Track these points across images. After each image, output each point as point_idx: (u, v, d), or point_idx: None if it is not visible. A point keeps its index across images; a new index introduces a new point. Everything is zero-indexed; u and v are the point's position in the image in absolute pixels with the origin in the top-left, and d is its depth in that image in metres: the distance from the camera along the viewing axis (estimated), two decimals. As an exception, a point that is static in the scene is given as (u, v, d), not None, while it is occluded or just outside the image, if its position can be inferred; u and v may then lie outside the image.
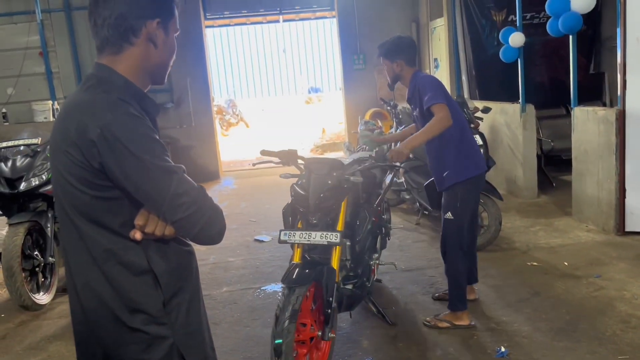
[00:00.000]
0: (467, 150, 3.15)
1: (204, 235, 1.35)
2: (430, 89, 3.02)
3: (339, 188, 2.81)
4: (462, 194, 3.12)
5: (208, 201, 1.35)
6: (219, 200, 7.48)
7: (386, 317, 3.35)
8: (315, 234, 2.70)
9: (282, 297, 2.58)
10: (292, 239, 2.75)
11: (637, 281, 3.66)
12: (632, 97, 4.38)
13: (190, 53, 8.69)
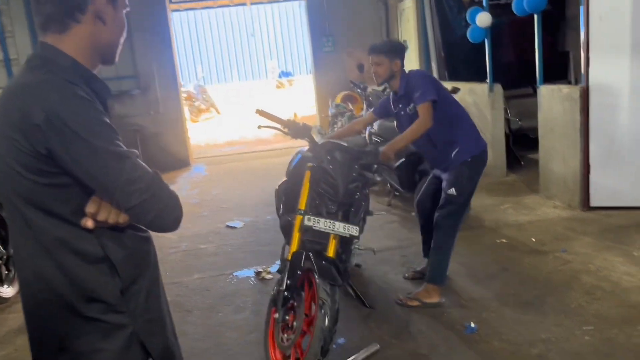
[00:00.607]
0: (473, 128, 3.32)
1: (160, 222, 1.30)
2: (421, 85, 3.10)
3: (361, 180, 2.87)
4: (470, 171, 3.22)
5: (163, 187, 1.30)
6: (190, 187, 7.40)
7: (364, 301, 3.35)
8: (339, 224, 2.70)
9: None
10: (318, 225, 2.71)
11: (601, 254, 3.76)
12: (595, 74, 4.45)
13: (156, 38, 8.50)
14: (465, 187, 3.21)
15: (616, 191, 4.59)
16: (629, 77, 4.37)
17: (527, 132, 6.56)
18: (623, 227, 4.22)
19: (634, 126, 4.44)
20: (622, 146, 4.51)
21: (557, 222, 4.51)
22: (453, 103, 3.33)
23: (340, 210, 2.81)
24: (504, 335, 2.87)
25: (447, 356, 2.73)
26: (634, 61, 4.33)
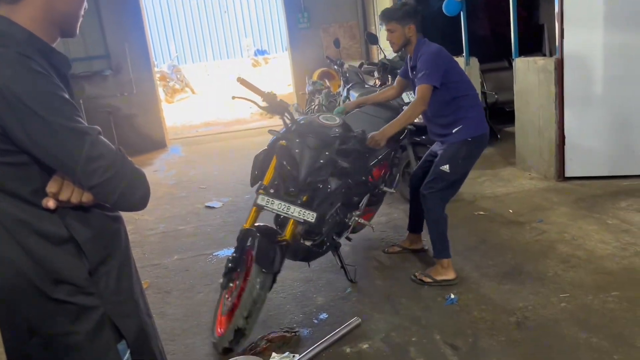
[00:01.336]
0: (479, 109, 3.23)
1: (126, 201, 1.26)
2: (427, 66, 3.04)
3: (327, 168, 2.79)
4: (467, 151, 3.14)
5: (127, 165, 1.25)
6: (167, 169, 7.30)
7: (347, 274, 3.35)
8: (294, 209, 2.66)
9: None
10: (271, 207, 2.69)
11: (576, 223, 3.83)
12: (569, 45, 4.47)
13: (127, 17, 8.28)
14: (459, 166, 3.14)
15: (590, 161, 4.66)
16: (602, 48, 4.41)
17: (503, 106, 6.61)
18: (597, 197, 4.30)
19: (606, 97, 4.49)
20: (595, 117, 4.56)
21: (534, 193, 4.57)
22: (463, 85, 3.18)
23: (302, 194, 2.74)
24: (483, 305, 2.91)
25: (428, 328, 2.77)
26: (607, 32, 4.36)
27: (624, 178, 4.52)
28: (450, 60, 3.20)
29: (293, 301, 3.22)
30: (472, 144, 3.15)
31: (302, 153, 2.74)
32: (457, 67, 3.23)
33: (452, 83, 3.12)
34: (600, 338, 2.50)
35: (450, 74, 3.12)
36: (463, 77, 3.23)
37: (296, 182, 2.74)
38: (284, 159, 2.80)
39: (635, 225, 3.68)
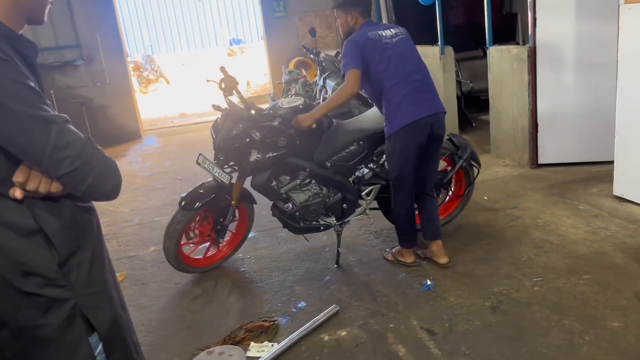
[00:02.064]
0: (398, 101, 3.02)
1: (96, 191, 1.23)
2: (345, 54, 2.99)
3: (240, 139, 3.15)
4: (393, 145, 3.08)
5: (97, 153, 1.23)
6: (142, 160, 7.20)
7: (338, 258, 3.47)
8: (216, 169, 3.22)
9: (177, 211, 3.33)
10: (204, 164, 3.26)
11: (549, 209, 3.90)
12: (542, 34, 4.53)
13: (98, 6, 8.10)
14: (391, 162, 3.13)
15: (562, 148, 4.75)
16: (573, 37, 4.48)
17: (477, 94, 6.67)
18: (569, 183, 4.39)
19: (577, 84, 4.57)
20: (567, 104, 4.64)
21: (508, 180, 4.65)
22: (386, 78, 3.01)
23: (217, 158, 3.23)
24: (459, 290, 2.96)
25: (405, 314, 2.80)
26: (578, 20, 4.43)
27: (594, 164, 4.62)
28: (371, 47, 2.99)
29: (271, 290, 3.23)
30: (394, 139, 3.06)
31: (224, 123, 3.21)
32: (379, 55, 2.99)
33: (376, 78, 3.01)
34: (572, 320, 2.57)
35: (372, 64, 2.99)
36: (389, 66, 2.99)
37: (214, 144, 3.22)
38: (214, 130, 3.30)
39: (605, 210, 3.77)
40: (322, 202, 3.34)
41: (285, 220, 3.37)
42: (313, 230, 3.44)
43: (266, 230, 4.08)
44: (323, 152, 3.30)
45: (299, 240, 3.88)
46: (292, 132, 3.18)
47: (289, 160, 3.25)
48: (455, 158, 3.60)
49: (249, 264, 3.65)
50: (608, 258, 3.11)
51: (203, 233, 3.46)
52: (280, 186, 3.30)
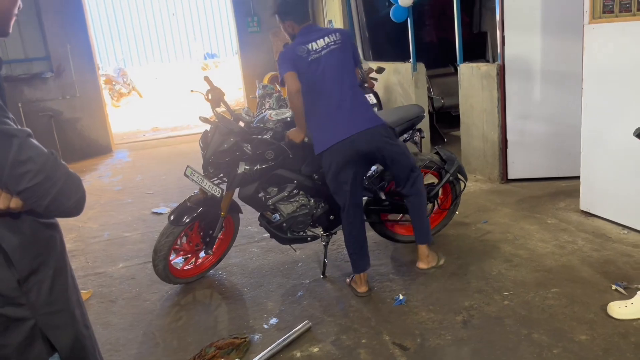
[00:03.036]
0: (320, 122, 3.03)
1: (58, 207, 1.20)
2: (278, 65, 3.00)
3: (231, 152, 3.15)
4: (323, 163, 3.09)
5: (60, 168, 1.19)
6: (112, 174, 7.08)
7: (324, 269, 3.49)
8: (207, 182, 3.23)
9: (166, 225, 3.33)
10: (193, 177, 3.24)
11: (518, 224, 3.97)
12: (510, 52, 4.64)
13: (69, 18, 8.00)
14: (329, 178, 3.10)
15: (531, 164, 4.84)
16: (540, 54, 4.60)
17: (449, 110, 6.79)
18: (537, 197, 4.47)
19: (545, 101, 4.69)
20: (535, 121, 4.75)
21: (479, 195, 4.71)
22: (309, 95, 3.00)
23: (207, 171, 3.23)
24: (431, 305, 2.97)
25: (377, 329, 2.79)
26: (545, 38, 4.55)
27: (562, 179, 4.72)
28: (298, 64, 2.96)
29: (243, 307, 3.19)
30: (322, 157, 3.07)
31: (213, 137, 3.19)
32: (305, 68, 2.97)
33: (305, 92, 2.98)
34: (541, 333, 2.60)
35: (301, 75, 2.96)
36: (313, 85, 2.99)
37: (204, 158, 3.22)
38: (203, 142, 3.28)
39: (572, 224, 3.85)
40: (309, 213, 3.37)
41: (272, 231, 3.38)
42: (300, 241, 3.47)
43: (239, 246, 4.04)
44: (311, 164, 3.32)
45: (272, 255, 3.85)
46: (284, 144, 3.20)
47: (277, 172, 3.26)
48: (442, 172, 3.65)
49: (221, 280, 3.60)
50: (575, 271, 3.17)
51: (192, 244, 3.47)
52: (267, 197, 3.30)
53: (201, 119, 3.38)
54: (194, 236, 3.47)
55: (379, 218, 3.62)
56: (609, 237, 3.57)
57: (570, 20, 4.21)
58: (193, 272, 3.57)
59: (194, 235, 3.47)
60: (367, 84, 5.65)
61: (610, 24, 3.51)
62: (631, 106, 3.44)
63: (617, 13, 3.43)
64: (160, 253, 3.29)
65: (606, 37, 3.57)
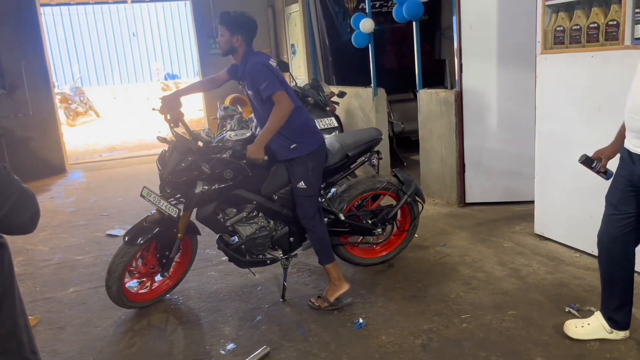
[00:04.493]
0: (307, 128, 3.26)
1: (10, 223, 1.14)
2: (265, 77, 3.01)
3: (189, 171, 3.11)
4: (313, 165, 3.21)
5: (13, 183, 1.15)
6: (65, 195, 6.85)
7: (284, 292, 3.44)
8: (163, 202, 3.16)
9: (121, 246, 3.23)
10: (149, 197, 3.20)
11: (476, 247, 4.03)
12: (468, 79, 4.77)
13: (24, 34, 7.79)
14: (313, 178, 3.21)
15: (488, 188, 4.95)
16: (496, 81, 4.75)
17: (409, 135, 6.90)
18: (494, 221, 4.56)
19: (501, 127, 4.83)
20: (492, 146, 4.88)
21: (437, 218, 4.77)
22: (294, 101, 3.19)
23: (164, 191, 3.18)
24: (390, 328, 2.95)
25: (337, 353, 2.75)
26: (500, 66, 4.71)
27: (517, 204, 4.84)
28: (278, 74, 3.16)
29: (199, 332, 3.09)
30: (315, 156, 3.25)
31: (171, 156, 3.16)
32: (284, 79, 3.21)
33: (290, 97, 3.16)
34: (498, 356, 2.62)
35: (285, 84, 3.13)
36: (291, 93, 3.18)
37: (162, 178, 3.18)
38: (160, 162, 3.24)
39: (528, 247, 3.94)
40: (268, 235, 3.33)
41: (230, 253, 3.33)
42: (259, 264, 3.43)
43: (196, 269, 3.94)
44: (270, 185, 3.29)
45: (230, 279, 3.78)
46: (244, 163, 3.16)
47: (235, 193, 3.22)
48: (400, 193, 3.67)
49: (177, 304, 3.49)
50: (531, 294, 3.23)
51: (147, 266, 3.37)
52: (226, 218, 3.26)
53: (159, 139, 3.32)
54: (150, 258, 3.36)
55: (339, 240, 3.61)
56: (562, 260, 3.66)
57: (524, 50, 4.38)
58: (149, 296, 3.46)
59: (150, 256, 3.36)
60: (328, 108, 5.69)
61: (561, 55, 3.67)
62: (582, 132, 3.58)
63: (568, 44, 3.59)
64: (114, 274, 3.18)
65: (557, 67, 3.72)
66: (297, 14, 8.31)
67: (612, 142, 2.60)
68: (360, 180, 3.67)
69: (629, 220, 2.46)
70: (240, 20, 3.12)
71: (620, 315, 2.60)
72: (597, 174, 2.62)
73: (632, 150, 2.36)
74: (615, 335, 2.62)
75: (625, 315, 2.61)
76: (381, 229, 3.62)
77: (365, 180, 3.66)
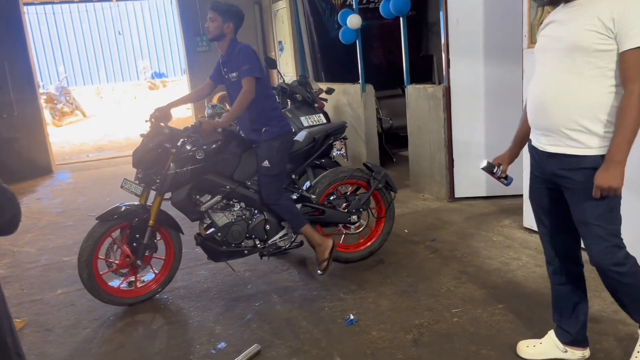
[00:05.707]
0: (279, 111, 3.54)
1: None
2: (251, 60, 3.26)
3: (155, 150, 3.25)
4: (279, 146, 3.39)
5: None
6: (52, 196, 6.78)
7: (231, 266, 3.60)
8: (133, 185, 3.32)
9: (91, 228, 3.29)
10: (126, 186, 3.34)
11: (466, 241, 4.04)
12: (455, 74, 4.78)
13: (7, 33, 7.69)
14: (278, 159, 3.38)
15: (476, 182, 4.97)
16: (483, 76, 4.76)
17: (397, 131, 6.91)
18: (483, 215, 4.58)
19: (489, 122, 4.84)
20: (480, 141, 4.89)
21: (427, 214, 4.78)
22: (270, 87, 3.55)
23: (137, 176, 3.33)
24: (382, 324, 2.95)
25: (329, 350, 2.75)
26: (487, 61, 4.72)
27: (505, 198, 4.86)
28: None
29: (189, 331, 3.07)
30: (281, 138, 3.44)
31: (143, 140, 3.32)
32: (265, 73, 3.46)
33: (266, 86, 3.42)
34: (489, 349, 2.62)
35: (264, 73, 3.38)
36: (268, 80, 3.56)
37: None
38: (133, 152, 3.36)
39: (517, 241, 3.96)
40: (244, 223, 3.41)
41: (206, 244, 3.39)
42: (236, 255, 3.47)
43: (186, 269, 3.91)
44: (243, 171, 3.43)
45: (220, 278, 3.76)
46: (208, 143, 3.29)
47: (208, 177, 3.32)
48: (371, 180, 3.75)
49: (166, 304, 3.46)
50: (520, 287, 3.24)
51: (123, 255, 3.35)
52: (200, 204, 3.33)
53: (142, 135, 3.41)
54: (124, 248, 3.34)
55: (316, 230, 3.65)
56: (551, 253, 3.68)
57: (511, 44, 4.39)
58: (132, 294, 3.44)
59: (124, 247, 3.34)
60: (317, 104, 5.67)
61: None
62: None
63: (553, 38, 3.60)
64: (82, 259, 3.21)
65: (544, 61, 3.73)
66: (284, 11, 8.28)
67: (510, 147, 2.52)
68: (330, 171, 3.75)
69: (556, 220, 2.28)
70: (233, 10, 3.34)
71: (571, 325, 2.38)
72: (497, 180, 2.54)
73: (541, 149, 2.19)
74: (570, 355, 2.41)
75: (577, 326, 2.38)
76: (356, 216, 3.69)
77: (335, 171, 3.75)
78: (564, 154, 2.09)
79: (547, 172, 2.21)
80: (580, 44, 1.96)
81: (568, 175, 2.10)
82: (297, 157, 3.60)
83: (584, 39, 1.95)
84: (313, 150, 3.68)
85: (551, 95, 2.09)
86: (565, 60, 2.03)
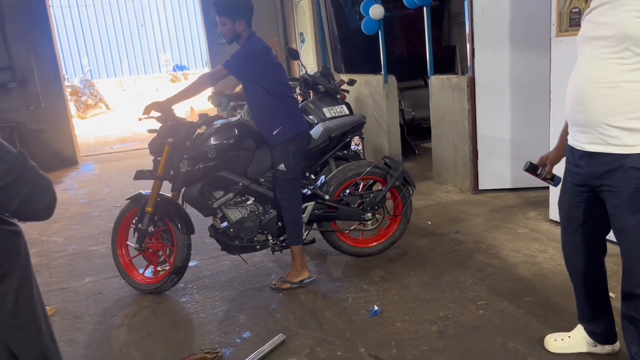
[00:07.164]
0: (293, 111, 3.35)
1: (27, 209, 1.14)
2: (236, 57, 3.14)
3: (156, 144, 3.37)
4: (295, 149, 3.29)
5: (30, 169, 1.14)
6: (78, 187, 6.90)
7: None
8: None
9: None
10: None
11: (491, 233, 4.00)
12: (479, 64, 4.71)
13: (34, 27, 7.81)
14: (293, 162, 3.29)
15: (501, 174, 4.91)
16: (509, 66, 4.69)
17: (420, 122, 6.84)
18: (508, 207, 4.53)
19: (515, 113, 4.77)
20: (505, 132, 4.82)
21: (450, 206, 4.74)
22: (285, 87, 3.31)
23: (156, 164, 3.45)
24: (406, 315, 2.94)
25: (353, 341, 2.75)
26: (513, 51, 4.65)
27: (531, 190, 4.79)
28: (272, 57, 3.28)
29: (214, 321, 3.10)
30: (299, 139, 3.35)
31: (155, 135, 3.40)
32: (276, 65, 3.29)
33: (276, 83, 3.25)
34: (516, 342, 2.60)
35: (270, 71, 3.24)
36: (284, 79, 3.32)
37: None
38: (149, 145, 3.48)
39: (543, 233, 3.90)
40: (257, 219, 3.40)
41: (220, 238, 3.40)
42: (249, 250, 3.47)
43: (209, 259, 3.95)
44: (255, 168, 3.38)
45: (244, 268, 3.78)
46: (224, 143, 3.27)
47: (221, 174, 3.30)
48: (388, 177, 3.67)
49: (191, 293, 3.50)
50: (547, 280, 3.20)
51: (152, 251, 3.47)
52: (213, 200, 3.33)
53: (149, 131, 3.48)
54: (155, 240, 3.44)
55: (330, 226, 3.65)
56: (578, 246, 3.62)
57: (538, 33, 4.31)
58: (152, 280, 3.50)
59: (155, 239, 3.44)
60: (339, 96, 5.65)
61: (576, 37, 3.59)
62: (597, 117, 3.52)
63: (583, 27, 3.52)
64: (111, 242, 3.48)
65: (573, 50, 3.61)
66: (305, 2, 8.24)
67: (556, 146, 2.40)
68: (346, 166, 3.67)
69: (584, 229, 2.20)
70: (237, 4, 3.16)
71: (597, 327, 2.37)
72: (543, 181, 2.42)
73: (578, 147, 2.06)
74: (600, 349, 2.39)
75: (603, 327, 2.36)
76: (371, 214, 3.61)
77: (351, 166, 3.68)
78: (603, 152, 1.93)
79: (585, 174, 2.06)
80: (629, 33, 1.81)
81: (609, 176, 1.94)
82: (311, 154, 3.51)
83: (634, 28, 1.79)
84: (328, 148, 3.60)
85: (591, 88, 1.94)
86: (611, 50, 1.88)
